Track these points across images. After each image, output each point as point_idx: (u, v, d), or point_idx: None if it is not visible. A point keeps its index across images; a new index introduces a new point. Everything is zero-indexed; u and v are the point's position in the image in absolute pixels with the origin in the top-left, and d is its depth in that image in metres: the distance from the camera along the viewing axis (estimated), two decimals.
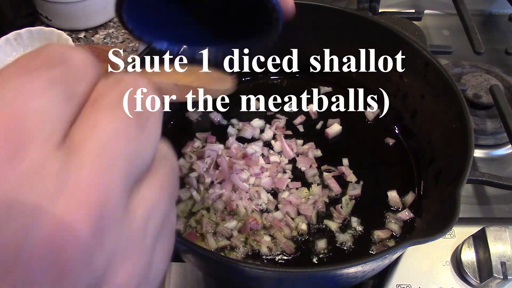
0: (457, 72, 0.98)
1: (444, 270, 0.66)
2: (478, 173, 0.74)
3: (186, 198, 0.72)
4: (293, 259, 0.66)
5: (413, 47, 0.74)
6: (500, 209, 0.82)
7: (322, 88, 0.88)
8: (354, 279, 0.60)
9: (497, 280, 0.62)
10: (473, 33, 0.96)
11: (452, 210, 0.53)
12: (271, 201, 0.72)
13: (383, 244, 0.67)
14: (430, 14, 1.17)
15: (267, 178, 0.74)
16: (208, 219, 0.69)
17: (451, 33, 1.14)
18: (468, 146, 0.61)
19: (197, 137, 0.80)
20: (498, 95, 0.86)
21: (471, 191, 0.84)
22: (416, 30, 0.83)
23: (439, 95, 0.71)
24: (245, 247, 0.67)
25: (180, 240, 0.53)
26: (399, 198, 0.72)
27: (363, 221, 0.70)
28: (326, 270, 0.54)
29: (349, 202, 0.72)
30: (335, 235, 0.68)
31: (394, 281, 0.65)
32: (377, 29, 0.77)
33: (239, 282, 0.61)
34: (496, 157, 0.90)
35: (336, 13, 0.79)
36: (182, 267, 0.74)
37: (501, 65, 1.03)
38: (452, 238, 0.69)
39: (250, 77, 0.88)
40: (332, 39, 0.82)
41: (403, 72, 0.78)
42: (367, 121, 0.84)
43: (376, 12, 1.08)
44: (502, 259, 0.62)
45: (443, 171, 0.68)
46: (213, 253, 0.54)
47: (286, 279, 0.57)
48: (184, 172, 0.75)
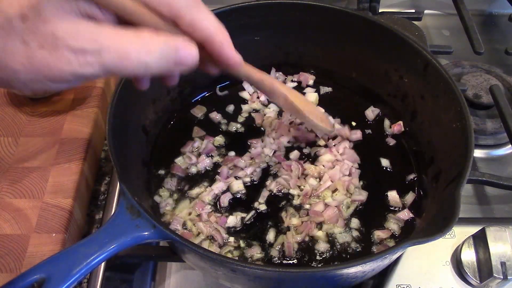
0: (457, 72, 0.98)
1: (444, 270, 0.66)
2: (478, 173, 0.74)
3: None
4: (294, 259, 0.66)
5: (413, 47, 0.74)
6: (500, 209, 0.82)
7: (322, 88, 0.88)
8: (354, 279, 0.60)
9: (497, 280, 0.62)
10: (473, 33, 0.96)
11: (452, 210, 0.53)
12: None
13: (383, 244, 0.67)
14: (430, 14, 1.17)
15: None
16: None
17: (451, 33, 1.14)
18: (468, 146, 0.61)
19: (197, 137, 0.80)
20: (498, 95, 0.86)
21: (471, 191, 0.84)
22: (416, 30, 0.83)
23: (439, 95, 0.71)
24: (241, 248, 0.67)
25: (180, 240, 0.53)
26: (399, 198, 0.72)
27: (363, 221, 0.70)
28: (326, 270, 0.54)
29: (350, 205, 0.72)
30: (336, 235, 0.68)
31: (394, 281, 0.65)
32: (377, 29, 0.77)
33: (239, 282, 0.61)
34: (496, 157, 0.90)
35: (336, 13, 0.79)
36: (182, 267, 0.74)
37: (501, 65, 1.04)
38: (452, 238, 0.69)
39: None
40: (332, 39, 0.82)
41: (403, 72, 0.78)
42: (367, 121, 0.84)
43: (376, 12, 1.08)
44: (502, 259, 0.62)
45: (443, 171, 0.68)
46: (213, 253, 0.54)
47: (286, 279, 0.57)
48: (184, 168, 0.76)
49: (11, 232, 0.68)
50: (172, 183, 0.74)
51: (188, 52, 0.41)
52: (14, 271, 0.64)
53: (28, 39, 0.36)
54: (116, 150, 0.61)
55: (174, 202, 0.72)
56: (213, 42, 0.43)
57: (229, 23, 0.81)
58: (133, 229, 0.55)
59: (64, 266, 0.51)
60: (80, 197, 0.74)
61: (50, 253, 0.65)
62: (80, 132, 0.79)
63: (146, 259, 0.72)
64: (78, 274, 0.51)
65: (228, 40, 0.45)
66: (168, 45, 0.40)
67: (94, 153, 0.81)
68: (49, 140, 0.78)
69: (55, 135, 0.79)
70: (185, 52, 0.41)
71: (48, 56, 0.36)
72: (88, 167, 0.78)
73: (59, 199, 0.71)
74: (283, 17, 0.81)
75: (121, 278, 0.71)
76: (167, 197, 0.72)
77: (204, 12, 0.42)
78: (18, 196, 0.71)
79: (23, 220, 0.69)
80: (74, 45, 0.36)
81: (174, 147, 0.79)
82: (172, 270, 0.74)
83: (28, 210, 0.70)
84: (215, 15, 0.44)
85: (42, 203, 0.71)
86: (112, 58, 0.37)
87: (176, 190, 0.74)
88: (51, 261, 0.51)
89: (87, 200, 0.78)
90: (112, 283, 0.70)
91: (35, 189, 0.72)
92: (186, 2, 0.40)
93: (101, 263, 0.55)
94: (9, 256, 0.65)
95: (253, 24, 0.81)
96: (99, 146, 0.85)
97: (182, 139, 0.80)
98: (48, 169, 0.75)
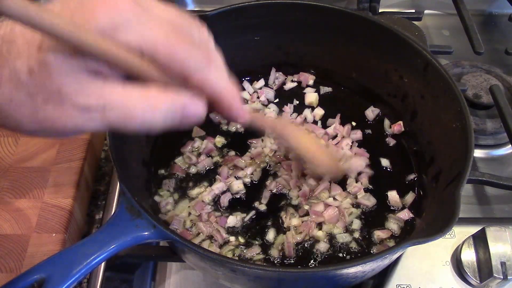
0: (457, 72, 0.98)
1: (444, 270, 0.66)
2: (478, 173, 0.74)
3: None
4: (294, 259, 0.66)
5: (413, 47, 0.73)
6: (500, 209, 0.82)
7: (322, 88, 0.88)
8: (354, 279, 0.60)
9: (497, 280, 0.62)
10: (473, 33, 0.96)
11: (452, 210, 0.53)
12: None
13: (383, 244, 0.67)
14: (430, 14, 1.17)
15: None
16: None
17: (451, 33, 1.14)
18: (468, 146, 0.61)
19: (197, 137, 0.80)
20: (498, 95, 0.86)
21: (471, 191, 0.84)
22: (416, 30, 0.83)
23: (439, 95, 0.71)
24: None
25: (180, 240, 0.53)
26: (399, 198, 0.72)
27: (363, 221, 0.70)
28: (326, 270, 0.54)
29: (353, 211, 0.71)
30: (336, 235, 0.68)
31: (394, 281, 0.65)
32: (377, 29, 0.77)
33: (239, 282, 0.61)
34: (496, 157, 0.90)
35: (336, 13, 0.79)
36: (182, 267, 0.74)
37: (501, 65, 1.03)
38: (452, 238, 0.69)
39: (250, 77, 0.88)
40: (332, 39, 0.82)
41: (403, 72, 0.78)
42: (367, 121, 0.84)
43: (376, 12, 1.08)
44: (502, 259, 0.62)
45: (443, 171, 0.68)
46: (213, 253, 0.54)
47: (286, 279, 0.57)
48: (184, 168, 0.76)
49: (11, 232, 0.68)
50: (172, 183, 0.74)
51: (195, 109, 0.41)
52: (14, 271, 0.64)
53: (33, 93, 0.36)
54: (116, 150, 0.61)
55: (174, 202, 0.72)
56: (222, 102, 0.43)
57: (229, 23, 0.81)
58: (133, 229, 0.55)
59: (64, 266, 0.51)
60: (80, 197, 0.74)
61: (50, 253, 0.65)
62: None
63: (146, 259, 0.72)
64: (78, 274, 0.51)
65: (237, 100, 0.45)
66: (175, 103, 0.39)
67: (94, 153, 0.81)
68: (49, 140, 0.78)
69: None
70: (192, 109, 0.40)
71: (53, 111, 0.36)
72: (88, 167, 0.78)
73: (59, 199, 0.71)
74: (283, 17, 0.81)
75: (121, 278, 0.71)
76: (167, 197, 0.72)
77: (215, 72, 0.42)
78: (18, 196, 0.71)
79: (23, 220, 0.69)
80: (80, 102, 0.36)
81: (174, 147, 0.79)
82: (172, 270, 0.74)
83: (28, 210, 0.70)
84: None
85: (42, 203, 0.71)
86: (116, 116, 0.37)
87: (176, 190, 0.74)
88: (51, 261, 0.51)
89: (87, 200, 0.78)
90: (112, 283, 0.70)
91: (35, 189, 0.72)
92: (195, 61, 0.39)
93: (101, 263, 0.55)
94: (9, 256, 0.65)
95: (253, 24, 0.81)
96: (99, 146, 0.85)
97: (182, 139, 0.80)
98: (48, 169, 0.75)
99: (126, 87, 0.38)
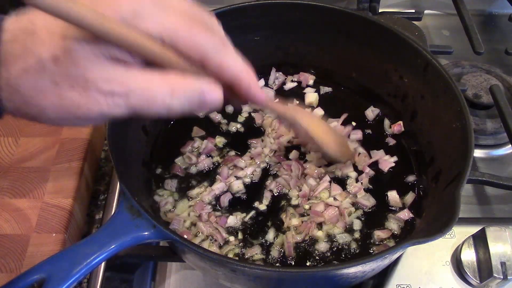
0: (457, 72, 0.98)
1: (444, 270, 0.66)
2: (478, 173, 0.74)
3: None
4: (294, 259, 0.66)
5: (413, 47, 0.73)
6: (500, 209, 0.82)
7: (322, 88, 0.88)
8: (354, 279, 0.60)
9: (497, 280, 0.62)
10: (473, 33, 0.96)
11: (452, 210, 0.53)
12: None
13: (383, 244, 0.67)
14: (430, 14, 1.17)
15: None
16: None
17: (451, 33, 1.14)
18: (468, 146, 0.61)
19: (197, 137, 0.80)
20: (498, 95, 0.86)
21: (471, 191, 0.84)
22: (416, 30, 0.83)
23: (439, 95, 0.71)
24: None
25: (180, 240, 0.53)
26: (399, 198, 0.72)
27: (363, 221, 0.70)
28: (326, 270, 0.54)
29: (353, 211, 0.71)
30: (336, 235, 0.68)
31: (394, 281, 0.65)
32: (377, 29, 0.77)
33: (239, 282, 0.61)
34: (496, 157, 0.90)
35: (336, 13, 0.79)
36: (182, 267, 0.74)
37: (501, 65, 1.04)
38: (452, 238, 0.69)
39: None
40: (332, 39, 0.82)
41: (403, 72, 0.78)
42: (367, 121, 0.84)
43: (376, 12, 1.08)
44: (502, 259, 0.62)
45: (443, 171, 0.68)
46: (213, 253, 0.54)
47: (286, 279, 0.57)
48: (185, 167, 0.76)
49: (11, 232, 0.68)
50: (172, 183, 0.74)
51: (213, 95, 0.42)
52: (14, 271, 0.64)
53: (59, 80, 0.37)
54: (116, 150, 0.61)
55: (174, 202, 0.72)
56: (240, 84, 0.45)
57: (229, 23, 0.81)
58: (133, 229, 0.55)
59: (64, 266, 0.51)
60: (80, 197, 0.74)
61: (50, 253, 0.65)
62: (80, 132, 0.80)
63: (146, 259, 0.72)
64: (78, 274, 0.51)
65: (255, 80, 0.47)
66: (193, 88, 0.41)
67: (94, 153, 0.81)
68: (49, 140, 0.78)
69: (55, 135, 0.79)
70: (210, 95, 0.42)
71: (78, 97, 0.38)
72: (88, 167, 0.78)
73: (59, 199, 0.71)
74: (283, 17, 0.81)
75: (121, 278, 0.71)
76: (167, 197, 0.72)
77: (232, 54, 0.44)
78: (18, 196, 0.71)
79: (23, 220, 0.69)
80: (104, 87, 0.38)
81: (174, 147, 0.79)
82: (172, 270, 0.74)
83: (28, 210, 0.70)
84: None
85: (42, 203, 0.71)
86: (139, 101, 0.39)
87: (176, 190, 0.74)
88: (51, 261, 0.51)
89: (87, 200, 0.78)
90: (112, 283, 0.70)
91: (35, 189, 0.72)
92: (213, 46, 0.41)
93: (101, 263, 0.55)
94: (9, 256, 0.65)
95: (253, 24, 0.81)
96: (99, 146, 0.85)
97: (182, 139, 0.80)
98: (48, 169, 0.75)
99: (147, 74, 0.40)
